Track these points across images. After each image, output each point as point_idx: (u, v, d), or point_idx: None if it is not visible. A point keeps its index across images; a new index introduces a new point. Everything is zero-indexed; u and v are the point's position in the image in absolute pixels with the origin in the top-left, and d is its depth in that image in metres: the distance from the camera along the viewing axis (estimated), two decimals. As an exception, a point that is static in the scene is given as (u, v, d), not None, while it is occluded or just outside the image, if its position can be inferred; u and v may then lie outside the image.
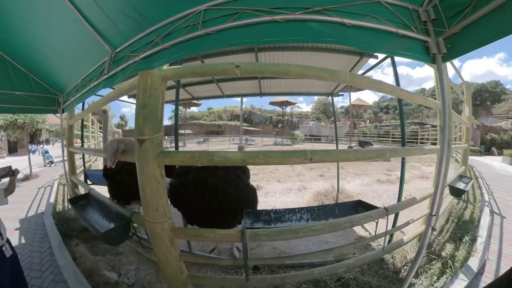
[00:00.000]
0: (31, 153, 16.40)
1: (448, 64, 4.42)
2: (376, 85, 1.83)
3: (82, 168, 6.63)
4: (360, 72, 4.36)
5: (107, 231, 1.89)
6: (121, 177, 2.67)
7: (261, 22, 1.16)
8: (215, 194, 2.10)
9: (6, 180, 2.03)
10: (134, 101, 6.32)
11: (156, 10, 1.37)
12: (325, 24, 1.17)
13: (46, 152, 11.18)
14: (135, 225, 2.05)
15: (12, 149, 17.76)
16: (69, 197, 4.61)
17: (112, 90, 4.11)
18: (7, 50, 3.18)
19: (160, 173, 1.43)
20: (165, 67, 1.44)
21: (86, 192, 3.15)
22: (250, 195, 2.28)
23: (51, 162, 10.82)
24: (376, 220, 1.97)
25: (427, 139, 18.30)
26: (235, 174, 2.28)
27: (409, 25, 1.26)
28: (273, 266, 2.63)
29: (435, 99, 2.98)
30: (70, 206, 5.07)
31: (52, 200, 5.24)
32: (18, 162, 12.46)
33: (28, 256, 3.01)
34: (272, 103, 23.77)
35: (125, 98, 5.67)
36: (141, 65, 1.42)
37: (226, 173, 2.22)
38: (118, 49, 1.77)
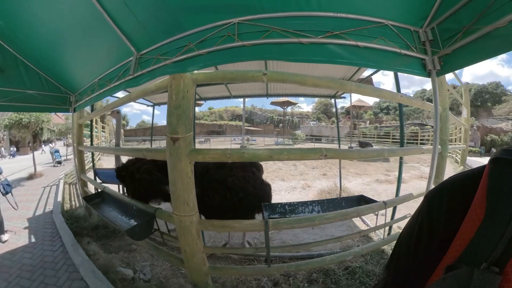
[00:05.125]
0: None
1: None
2: (379, 93, 2.09)
3: (89, 167, 6.70)
4: (364, 74, 4.47)
5: (133, 227, 1.94)
6: (141, 176, 2.65)
7: (290, 42, 1.33)
8: (236, 193, 2.18)
9: None
10: (148, 102, 6.31)
11: (189, 17, 1.46)
12: (342, 47, 1.35)
13: (56, 151, 11.17)
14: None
15: (13, 148, 17.74)
16: (80, 195, 4.64)
17: (127, 92, 4.17)
18: (20, 50, 3.16)
19: (191, 170, 1.52)
20: (195, 71, 1.52)
21: (100, 190, 3.20)
22: (267, 190, 2.38)
23: (59, 162, 10.83)
24: (376, 213, 2.23)
25: (427, 139, 18.21)
26: (251, 171, 2.37)
27: (410, 45, 1.47)
28: (285, 258, 2.74)
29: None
30: (78, 205, 5.12)
31: (59, 198, 5.21)
32: (20, 161, 12.50)
33: (40, 255, 2.97)
34: (273, 103, 23.85)
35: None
36: (172, 68, 1.50)
37: (243, 171, 2.31)
38: (144, 51, 1.85)
